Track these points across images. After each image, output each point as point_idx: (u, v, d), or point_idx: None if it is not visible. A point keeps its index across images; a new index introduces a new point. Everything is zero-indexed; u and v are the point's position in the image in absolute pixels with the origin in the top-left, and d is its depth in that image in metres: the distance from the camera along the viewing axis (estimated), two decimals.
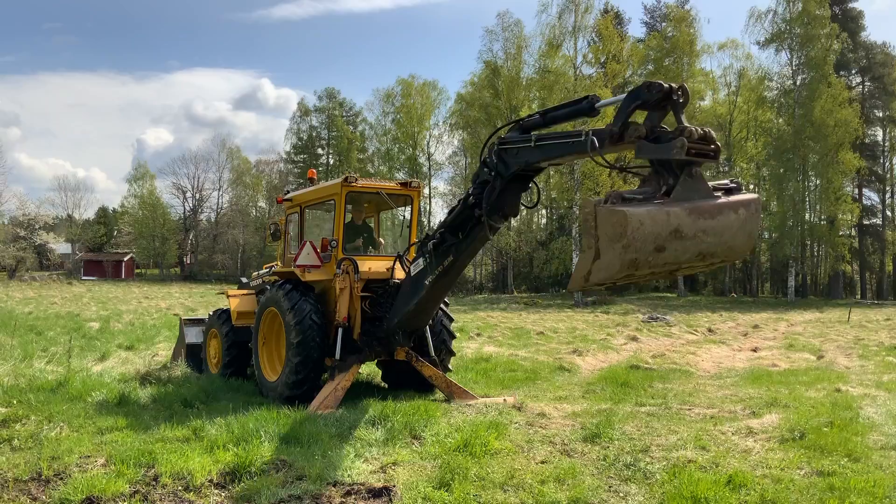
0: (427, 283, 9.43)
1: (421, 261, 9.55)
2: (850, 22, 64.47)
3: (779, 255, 60.30)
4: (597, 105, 7.15)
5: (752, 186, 69.82)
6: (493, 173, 8.17)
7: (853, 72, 68.83)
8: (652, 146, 6.14)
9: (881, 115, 70.03)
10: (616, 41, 50.17)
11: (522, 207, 8.72)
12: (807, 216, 58.11)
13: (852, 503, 5.91)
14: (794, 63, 57.10)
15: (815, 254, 65.36)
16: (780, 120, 58.80)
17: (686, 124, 6.02)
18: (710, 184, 6.36)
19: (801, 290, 61.80)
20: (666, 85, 6.22)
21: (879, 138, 71.14)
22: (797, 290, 58.00)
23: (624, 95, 6.60)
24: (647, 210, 5.76)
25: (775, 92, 60.42)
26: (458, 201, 8.91)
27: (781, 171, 56.19)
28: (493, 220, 8.35)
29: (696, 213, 6.01)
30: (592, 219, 5.81)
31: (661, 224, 5.78)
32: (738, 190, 6.52)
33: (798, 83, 56.23)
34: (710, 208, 6.12)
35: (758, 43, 60.62)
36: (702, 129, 6.08)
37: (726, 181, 6.57)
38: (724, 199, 6.28)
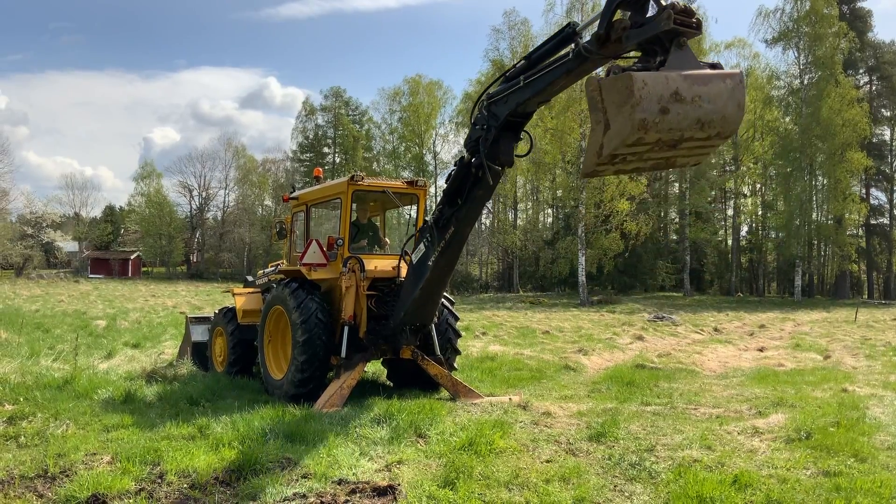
0: (430, 263, 9.39)
1: (422, 245, 9.57)
2: (857, 21, 64.21)
3: (785, 255, 60.13)
4: (578, 28, 7.31)
5: (758, 186, 69.76)
6: (485, 126, 8.26)
7: (861, 71, 68.56)
8: (639, 29, 6.52)
9: (889, 114, 69.72)
10: None
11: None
12: (814, 216, 57.98)
13: (859, 503, 5.88)
14: (801, 62, 56.95)
15: (822, 253, 65.24)
16: (787, 119, 58.64)
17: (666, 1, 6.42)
18: None
19: (808, 289, 61.65)
20: None
21: (887, 137, 70.83)
22: (804, 290, 57.88)
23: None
24: (647, 73, 6.26)
25: (783, 91, 60.26)
26: (454, 167, 9.00)
27: (788, 170, 56.09)
28: (492, 162, 8.42)
29: (691, 80, 6.45)
30: (598, 92, 6.30)
31: (662, 85, 6.22)
32: (720, 67, 6.85)
33: (805, 82, 56.07)
34: (703, 76, 6.55)
35: (765, 41, 60.55)
36: (683, 3, 6.44)
37: (708, 62, 6.91)
38: (712, 71, 6.70)
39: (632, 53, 6.92)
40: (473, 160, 8.56)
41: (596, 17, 6.90)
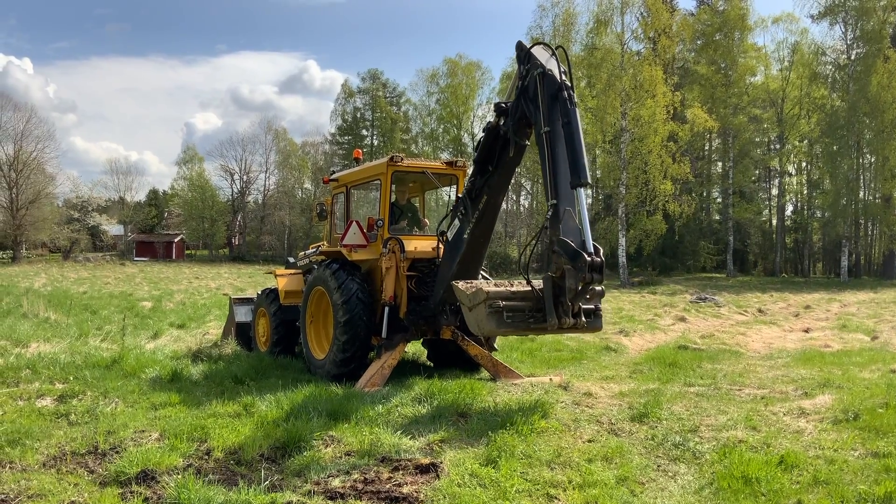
0: (465, 236, 9.43)
1: (456, 221, 9.61)
2: None
3: (831, 235, 58.93)
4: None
5: (804, 164, 68.31)
6: (522, 84, 8.34)
7: None
8: (549, 290, 7.77)
9: None
10: (666, 16, 49.04)
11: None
12: (861, 194, 56.66)
13: None
14: (848, 37, 55.48)
15: (870, 233, 63.79)
16: (835, 96, 57.22)
17: (574, 305, 7.84)
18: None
19: (855, 269, 60.31)
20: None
21: None
22: (850, 270, 56.63)
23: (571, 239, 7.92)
24: (501, 330, 8.12)
25: (829, 67, 58.77)
26: (482, 133, 9.11)
27: (835, 148, 54.72)
28: (518, 137, 8.66)
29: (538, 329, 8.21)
30: (479, 300, 7.94)
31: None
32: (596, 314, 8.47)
33: (853, 58, 54.61)
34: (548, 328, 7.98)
35: (811, 16, 59.01)
36: (575, 320, 7.80)
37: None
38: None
39: None
40: (501, 122, 8.68)
41: (584, 221, 8.04)
